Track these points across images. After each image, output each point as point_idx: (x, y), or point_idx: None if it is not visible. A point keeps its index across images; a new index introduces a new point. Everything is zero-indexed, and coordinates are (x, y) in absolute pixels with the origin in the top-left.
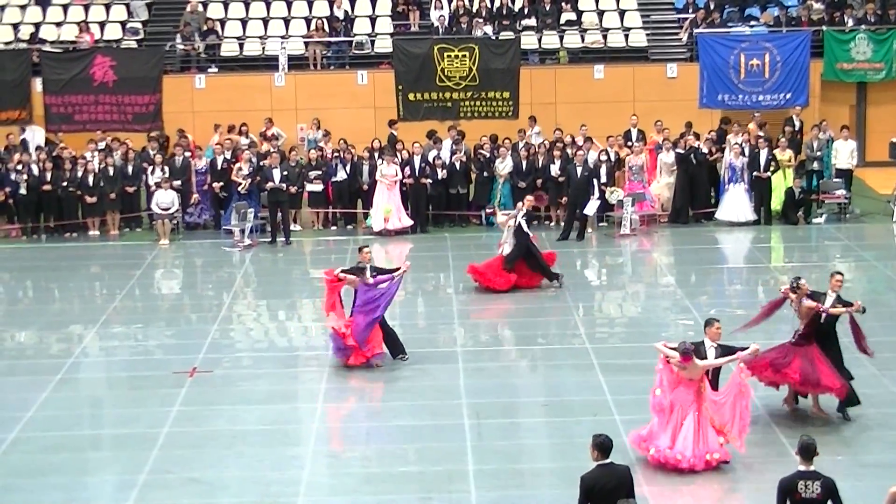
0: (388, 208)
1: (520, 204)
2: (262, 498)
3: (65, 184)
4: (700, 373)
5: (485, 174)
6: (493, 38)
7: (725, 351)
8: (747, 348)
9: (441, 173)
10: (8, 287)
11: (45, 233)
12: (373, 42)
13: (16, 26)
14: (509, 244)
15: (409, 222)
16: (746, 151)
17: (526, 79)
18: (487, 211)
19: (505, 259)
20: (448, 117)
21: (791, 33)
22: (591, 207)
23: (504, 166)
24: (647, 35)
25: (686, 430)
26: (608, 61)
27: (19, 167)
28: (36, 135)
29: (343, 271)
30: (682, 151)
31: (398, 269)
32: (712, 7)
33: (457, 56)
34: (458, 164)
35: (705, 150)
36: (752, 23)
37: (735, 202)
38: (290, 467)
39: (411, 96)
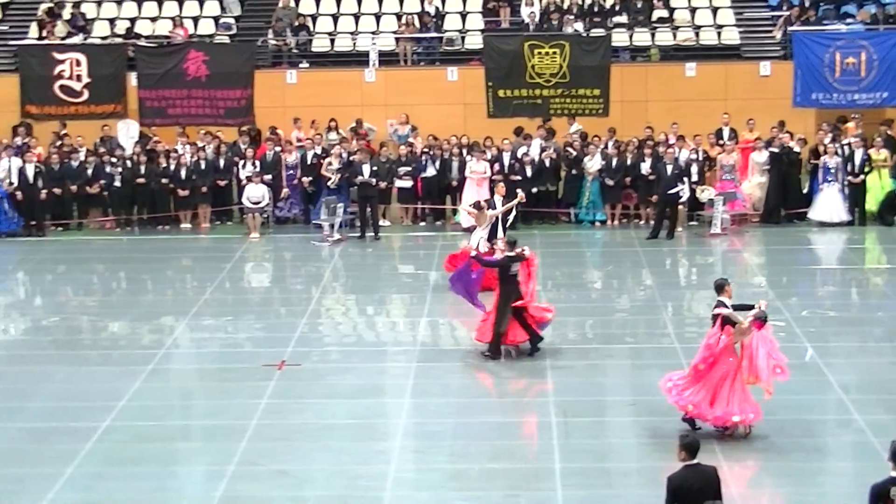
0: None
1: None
2: (348, 492)
3: (158, 176)
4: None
5: (573, 172)
6: (584, 34)
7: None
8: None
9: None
10: (102, 278)
11: (138, 225)
12: (463, 38)
13: (112, 21)
14: (482, 240)
15: None
16: (843, 152)
17: (617, 76)
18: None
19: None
20: (538, 114)
21: (888, 31)
22: (682, 192)
23: (593, 164)
24: (741, 32)
25: (724, 393)
26: (700, 59)
27: (114, 160)
28: (130, 128)
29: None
30: (775, 150)
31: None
32: (807, 4)
33: (547, 53)
34: (547, 162)
35: (797, 150)
36: (848, 20)
37: (829, 203)
38: (377, 462)
39: (501, 93)
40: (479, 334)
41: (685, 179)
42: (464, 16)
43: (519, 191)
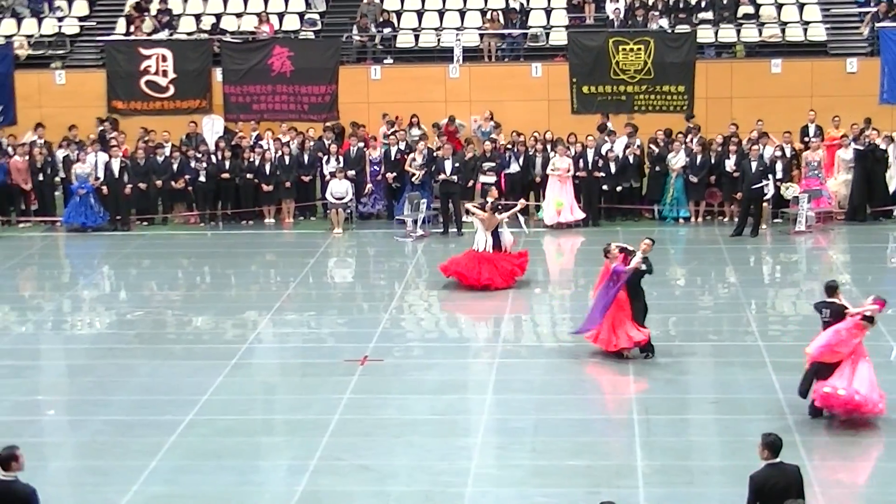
0: (559, 201)
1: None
2: (430, 487)
3: (242, 172)
4: None
5: (657, 168)
6: (669, 31)
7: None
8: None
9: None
10: (186, 273)
11: (222, 220)
12: (548, 34)
13: (198, 17)
14: (487, 242)
15: (580, 216)
16: None
17: (701, 72)
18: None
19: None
20: (622, 111)
21: None
22: (767, 189)
23: (677, 161)
24: (827, 29)
25: (861, 375)
26: (786, 55)
27: (199, 155)
28: (215, 124)
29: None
30: (860, 148)
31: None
32: (895, 0)
33: (632, 49)
34: (631, 158)
35: (884, 147)
36: None
37: None
38: (459, 458)
39: (585, 89)
40: (606, 344)
41: (770, 176)
42: (548, 12)
43: (522, 200)
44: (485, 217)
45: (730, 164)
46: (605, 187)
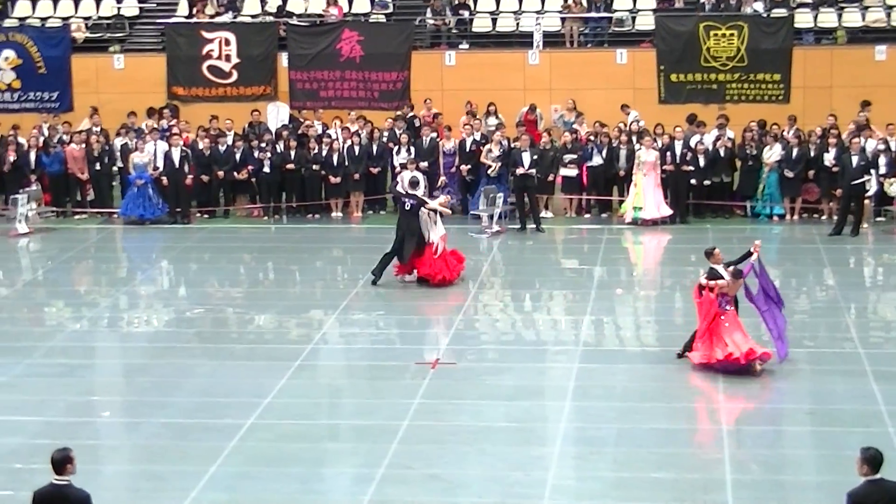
0: (645, 196)
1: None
2: (504, 499)
3: (309, 162)
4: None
5: (750, 163)
6: (764, 15)
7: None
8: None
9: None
10: (249, 269)
11: (286, 213)
12: (634, 19)
13: None
14: (435, 233)
15: (667, 212)
16: None
17: (799, 60)
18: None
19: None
20: (713, 100)
21: None
22: (869, 184)
23: (772, 154)
24: None
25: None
26: (891, 42)
27: (263, 145)
28: (280, 112)
29: (707, 279)
30: None
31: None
32: None
33: (724, 35)
34: (721, 151)
35: None
36: None
37: None
38: (535, 468)
39: (674, 77)
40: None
41: (872, 171)
42: None
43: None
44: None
45: (829, 158)
46: (693, 182)
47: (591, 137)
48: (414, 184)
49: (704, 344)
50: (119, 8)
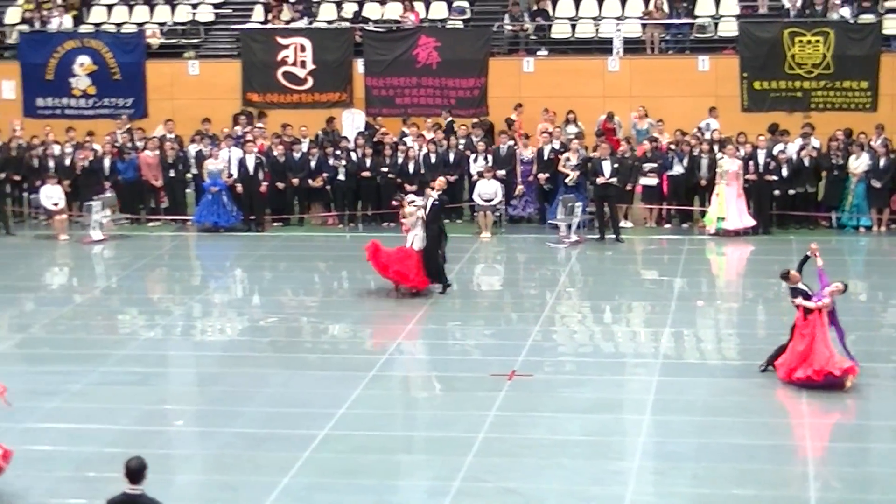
0: (727, 206)
1: (427, 190)
2: None
3: (384, 170)
4: None
5: (836, 173)
6: (851, 21)
7: None
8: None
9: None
10: (323, 277)
11: (362, 221)
12: (716, 25)
13: (339, 4)
14: (419, 238)
15: (750, 222)
16: None
17: (888, 67)
18: (394, 202)
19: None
20: (797, 108)
21: None
22: None
23: (858, 164)
24: None
25: None
26: None
27: (338, 152)
28: (356, 118)
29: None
30: None
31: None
32: None
33: (809, 41)
34: (806, 161)
35: None
36: None
37: None
38: (613, 483)
39: (757, 85)
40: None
41: None
42: (717, 0)
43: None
44: (405, 213)
45: None
46: (777, 192)
47: (672, 146)
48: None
49: (806, 359)
50: (194, 14)
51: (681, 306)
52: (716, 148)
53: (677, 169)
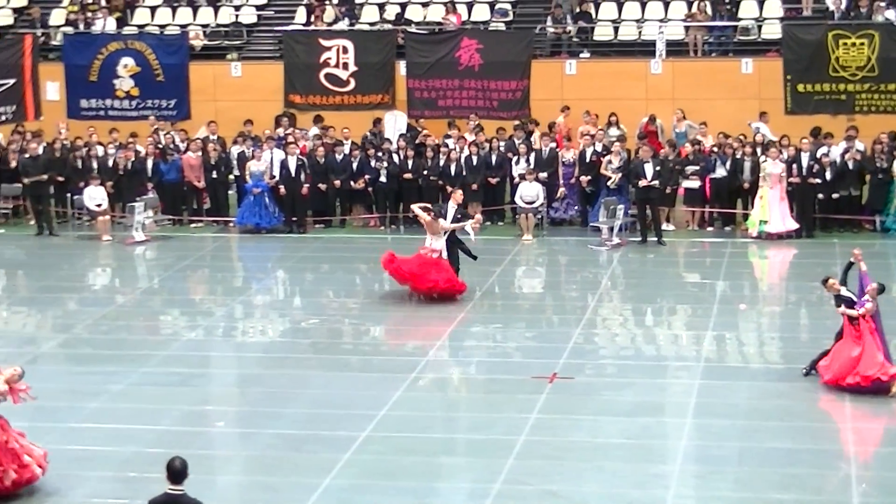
0: (770, 209)
1: (450, 202)
2: None
3: (426, 172)
4: None
5: (880, 176)
6: None
7: None
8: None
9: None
10: (365, 279)
11: (403, 223)
12: (760, 27)
13: (381, 6)
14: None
15: (793, 226)
16: None
17: None
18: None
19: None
20: (841, 111)
21: None
22: None
23: None
24: None
25: None
26: None
27: (380, 154)
28: (398, 120)
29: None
30: None
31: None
32: None
33: (854, 44)
34: (850, 164)
35: None
36: None
37: None
38: (654, 486)
39: (800, 87)
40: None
41: None
42: (761, 2)
43: (478, 214)
44: (427, 221)
45: None
46: (820, 195)
47: (715, 148)
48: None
49: (855, 367)
50: (237, 15)
51: (723, 309)
52: (759, 151)
53: (720, 172)
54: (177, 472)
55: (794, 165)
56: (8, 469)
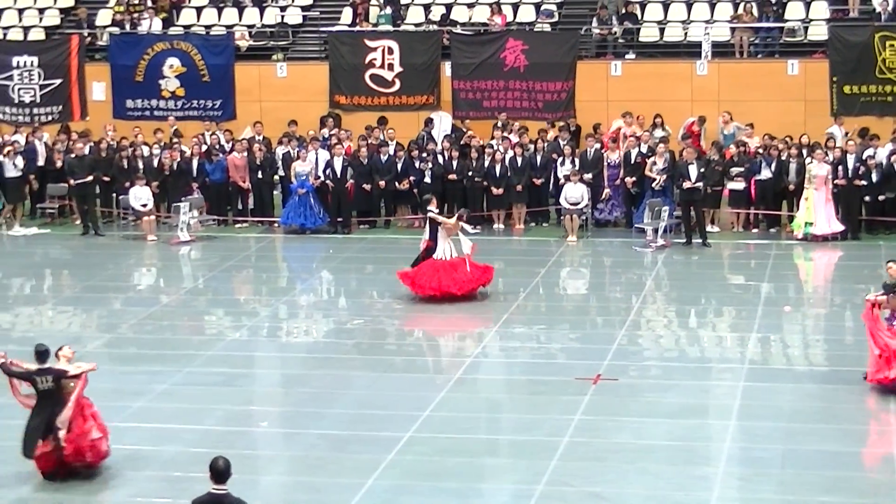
0: (816, 211)
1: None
2: None
3: (471, 173)
4: None
5: None
6: None
7: None
8: None
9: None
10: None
11: None
12: (806, 28)
13: (427, 7)
14: (464, 243)
15: (839, 228)
16: None
17: None
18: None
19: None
20: (888, 113)
21: None
22: None
23: None
24: None
25: None
26: None
27: (424, 155)
28: (443, 121)
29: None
30: None
31: None
32: None
33: None
34: None
35: None
36: None
37: None
38: (698, 488)
39: (847, 89)
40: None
41: None
42: (807, 4)
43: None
44: (451, 225)
45: None
46: (866, 197)
47: (760, 150)
48: (426, 201)
49: (879, 362)
50: (283, 16)
51: (767, 311)
52: (804, 152)
53: (765, 173)
54: (220, 471)
55: (840, 167)
56: (106, 437)
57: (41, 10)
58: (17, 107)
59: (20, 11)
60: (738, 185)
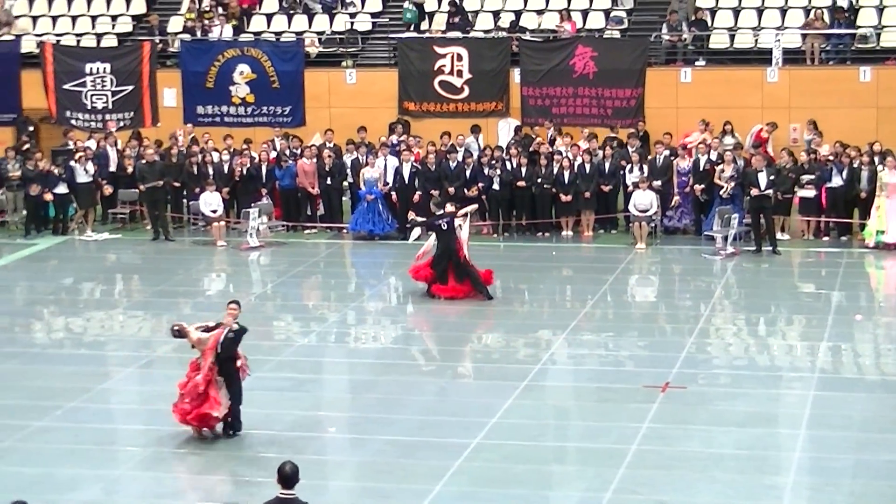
0: (888, 219)
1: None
2: None
3: (539, 180)
4: None
5: None
6: None
7: None
8: None
9: None
10: None
11: (516, 231)
12: (879, 35)
13: (496, 14)
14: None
15: None
16: None
17: None
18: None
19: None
20: None
21: None
22: None
23: None
24: None
25: None
26: None
27: (493, 162)
28: (512, 128)
29: None
30: None
31: None
32: None
33: None
34: None
35: None
36: None
37: None
38: (767, 498)
39: None
40: None
41: None
42: (880, 10)
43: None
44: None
45: None
46: None
47: (831, 157)
48: (437, 205)
49: None
50: (352, 23)
51: (838, 320)
52: (876, 160)
53: (836, 181)
54: (288, 476)
55: None
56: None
57: (114, 18)
58: (89, 113)
59: (93, 18)
60: (809, 192)
